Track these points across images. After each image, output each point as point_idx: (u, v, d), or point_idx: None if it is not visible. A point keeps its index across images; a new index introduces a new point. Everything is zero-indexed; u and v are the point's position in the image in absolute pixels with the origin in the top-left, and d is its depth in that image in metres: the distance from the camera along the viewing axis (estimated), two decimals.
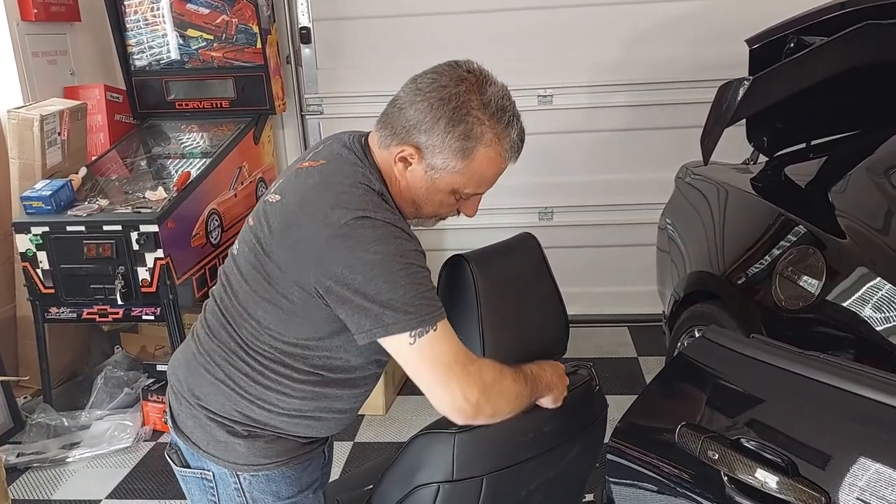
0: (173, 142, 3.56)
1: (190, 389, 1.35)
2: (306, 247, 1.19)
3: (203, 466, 1.35)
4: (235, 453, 1.32)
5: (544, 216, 3.91)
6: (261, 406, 1.30)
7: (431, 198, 1.29)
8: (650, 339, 3.64)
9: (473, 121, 1.21)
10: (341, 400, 1.36)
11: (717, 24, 3.47)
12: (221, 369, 1.31)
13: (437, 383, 1.18)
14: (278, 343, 1.28)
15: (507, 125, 1.24)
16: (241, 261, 1.31)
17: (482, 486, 1.31)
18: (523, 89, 3.70)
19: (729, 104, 2.10)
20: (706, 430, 1.09)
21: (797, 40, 2.24)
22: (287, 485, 1.35)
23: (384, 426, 3.06)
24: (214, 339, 1.33)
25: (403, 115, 1.23)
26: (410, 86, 1.25)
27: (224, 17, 3.47)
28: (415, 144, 1.23)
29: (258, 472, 1.33)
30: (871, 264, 1.63)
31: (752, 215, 2.21)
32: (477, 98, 1.21)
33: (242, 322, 1.29)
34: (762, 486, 1.00)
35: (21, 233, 2.89)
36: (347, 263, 1.16)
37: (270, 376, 1.29)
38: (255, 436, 1.32)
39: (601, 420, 1.50)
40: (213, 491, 1.36)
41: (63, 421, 3.02)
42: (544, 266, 1.45)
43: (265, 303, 1.26)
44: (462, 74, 1.23)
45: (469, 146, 1.21)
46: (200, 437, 1.33)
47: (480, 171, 1.26)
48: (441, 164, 1.24)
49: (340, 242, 1.16)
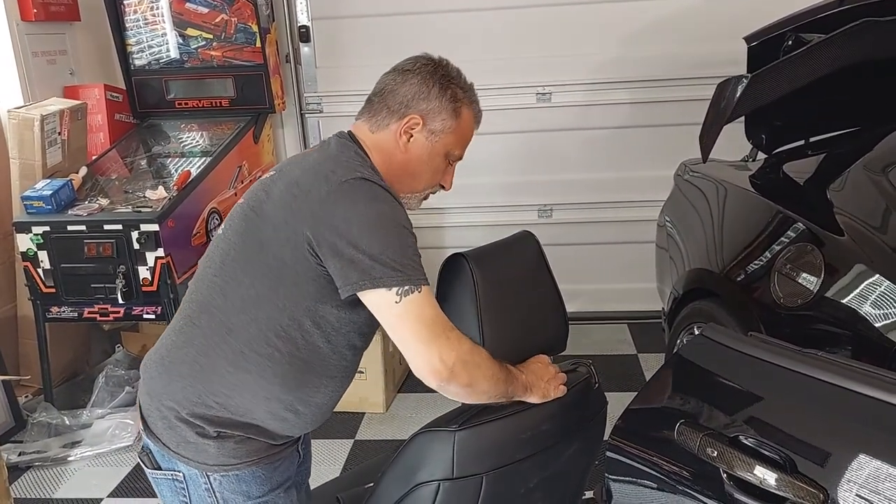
0: (173, 141, 3.57)
1: (162, 388, 1.36)
2: (305, 200, 1.26)
3: (173, 468, 1.36)
4: (205, 454, 1.33)
5: (543, 213, 3.92)
6: (240, 393, 1.32)
7: (431, 163, 1.42)
8: (650, 335, 3.64)
9: (454, 87, 1.41)
10: (319, 391, 1.37)
11: (715, 22, 3.47)
12: (201, 356, 1.33)
13: (417, 340, 1.23)
14: (261, 323, 1.30)
15: (473, 93, 1.46)
16: (230, 234, 1.36)
17: (482, 484, 1.31)
18: (522, 87, 3.72)
19: (727, 101, 2.10)
20: (705, 428, 1.10)
21: (795, 37, 2.24)
22: (257, 484, 1.37)
23: (384, 424, 3.07)
24: (195, 326, 1.35)
25: (397, 94, 1.39)
26: (392, 73, 1.43)
27: (223, 16, 3.48)
28: (419, 113, 1.39)
29: (228, 472, 1.34)
30: (869, 261, 1.64)
31: (750, 213, 2.22)
32: (450, 74, 1.43)
33: (227, 302, 1.32)
34: (761, 482, 1.00)
35: (22, 232, 2.90)
36: (345, 216, 1.24)
37: (251, 357, 1.30)
38: (224, 436, 1.33)
39: (600, 417, 1.50)
40: (184, 492, 1.37)
41: (64, 420, 3.03)
42: (543, 264, 1.46)
43: (255, 271, 1.30)
44: (430, 57, 1.44)
45: (457, 106, 1.41)
46: (170, 438, 1.34)
47: (464, 129, 1.44)
48: (440, 127, 1.40)
49: (340, 196, 1.25)
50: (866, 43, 2.12)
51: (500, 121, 3.77)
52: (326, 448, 2.91)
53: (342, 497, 1.71)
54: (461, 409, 1.43)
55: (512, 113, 3.76)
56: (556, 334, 1.46)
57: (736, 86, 2.07)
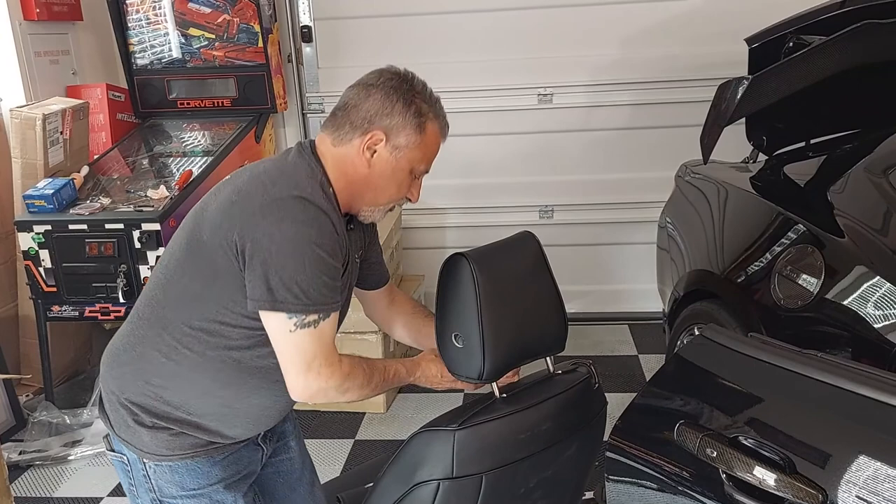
0: (175, 140, 3.57)
1: (109, 371, 1.43)
2: (240, 208, 1.29)
3: (121, 451, 1.42)
4: (140, 441, 1.38)
5: (545, 214, 3.92)
6: (175, 385, 1.36)
7: (395, 178, 1.40)
8: (650, 336, 3.65)
9: (419, 102, 1.38)
10: (258, 393, 1.40)
11: (716, 24, 3.47)
12: (138, 346, 1.38)
13: (292, 366, 1.31)
14: (194, 321, 1.33)
15: (439, 107, 1.43)
16: (180, 234, 1.40)
17: (482, 484, 1.31)
18: (523, 88, 3.72)
19: (728, 103, 2.11)
20: (704, 428, 1.10)
21: (796, 39, 2.24)
22: (192, 477, 1.40)
23: (385, 424, 3.07)
24: (140, 318, 1.40)
25: (360, 109, 1.37)
26: (355, 87, 1.41)
27: (226, 16, 3.48)
28: (381, 128, 1.36)
29: (161, 462, 1.38)
30: (870, 263, 1.64)
31: (751, 214, 2.22)
32: (414, 89, 1.40)
33: (166, 298, 1.37)
34: (760, 483, 1.01)
35: (23, 231, 2.90)
36: (268, 232, 1.26)
37: (184, 352, 1.34)
38: (158, 427, 1.37)
39: (600, 417, 1.51)
40: (129, 474, 1.43)
41: (65, 419, 3.04)
42: (543, 264, 1.46)
43: (192, 271, 1.34)
44: (395, 71, 1.42)
45: (422, 121, 1.38)
46: (115, 421, 1.41)
47: (429, 144, 1.41)
48: (404, 142, 1.38)
49: (269, 211, 1.27)
50: (867, 45, 2.12)
51: (502, 122, 3.78)
52: (327, 448, 2.91)
53: (342, 497, 1.72)
54: (461, 408, 1.43)
55: (513, 114, 3.76)
56: (555, 334, 1.46)
57: (737, 87, 2.07)
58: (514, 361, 1.44)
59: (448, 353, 1.43)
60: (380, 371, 1.43)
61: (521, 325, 1.41)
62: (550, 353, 1.49)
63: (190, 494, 1.40)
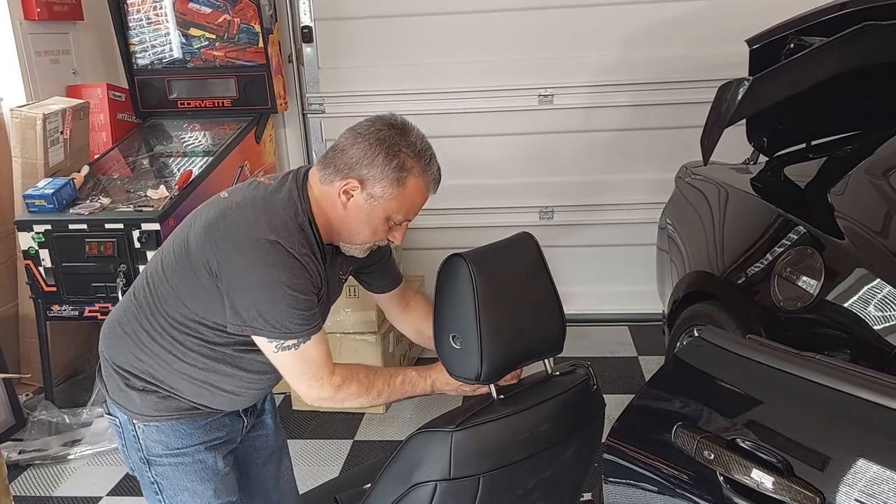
0: (175, 140, 3.57)
1: (105, 340, 1.56)
2: (222, 239, 1.40)
3: (114, 413, 1.55)
4: (132, 402, 1.50)
5: (545, 215, 3.92)
6: (158, 363, 1.48)
7: (369, 224, 1.46)
8: (650, 338, 3.64)
9: (404, 156, 1.42)
10: (231, 380, 1.51)
11: (717, 25, 3.47)
12: (130, 324, 1.50)
13: (288, 378, 1.48)
14: (182, 311, 1.45)
15: (428, 161, 1.45)
16: (176, 234, 1.51)
17: (479, 485, 1.31)
18: (524, 89, 3.72)
19: (729, 104, 2.10)
20: (702, 430, 1.09)
21: (797, 41, 2.24)
22: (177, 437, 1.52)
23: (384, 425, 3.07)
24: (134, 299, 1.53)
25: (345, 154, 1.43)
26: (348, 132, 1.46)
27: (226, 16, 3.48)
28: (358, 177, 1.42)
29: (149, 422, 1.51)
30: (870, 265, 1.63)
31: (751, 215, 2.22)
32: (405, 140, 1.43)
33: (161, 286, 1.47)
34: (758, 486, 1.00)
35: (23, 231, 2.91)
36: (244, 271, 1.38)
37: (167, 337, 1.47)
38: (148, 391, 1.49)
39: (598, 419, 1.50)
40: (121, 435, 1.56)
41: (65, 418, 3.04)
42: (542, 265, 1.46)
43: (182, 274, 1.45)
44: (391, 122, 1.45)
45: (402, 175, 1.42)
46: (109, 384, 1.54)
47: (411, 198, 1.45)
48: (380, 193, 1.43)
49: (246, 251, 1.38)
50: (868, 46, 2.12)
51: (502, 122, 3.78)
52: (326, 448, 2.91)
53: (340, 497, 1.71)
54: (459, 409, 1.43)
55: (514, 115, 3.76)
56: (553, 335, 1.46)
57: (737, 88, 2.07)
58: (512, 363, 1.44)
59: (446, 355, 1.43)
60: (384, 379, 1.51)
61: (520, 326, 1.40)
62: (549, 355, 1.48)
63: (174, 453, 1.52)
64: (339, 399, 1.48)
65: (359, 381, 1.48)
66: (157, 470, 1.53)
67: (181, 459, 1.52)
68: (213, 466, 1.55)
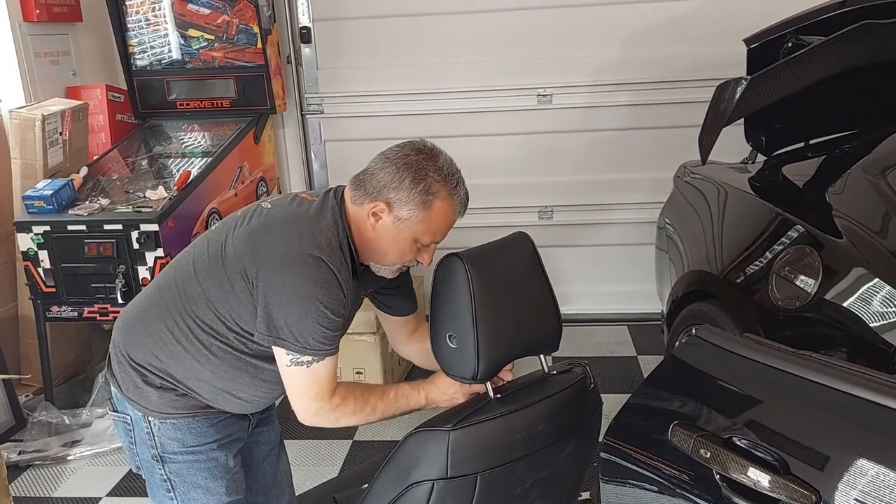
0: (174, 141, 3.57)
1: (122, 336, 1.55)
2: (264, 249, 1.43)
3: (125, 411, 1.54)
4: (148, 400, 1.50)
5: (544, 215, 3.92)
6: (179, 365, 1.49)
7: (396, 245, 1.49)
8: (649, 337, 3.64)
9: (431, 180, 1.45)
10: (248, 390, 1.54)
11: (715, 24, 3.47)
12: (153, 322, 1.51)
13: (291, 393, 1.48)
14: (212, 314, 1.46)
15: (455, 185, 1.48)
16: (214, 237, 1.52)
17: (476, 484, 1.31)
18: (523, 88, 3.72)
19: (727, 103, 2.10)
20: (699, 429, 1.09)
21: (795, 40, 2.24)
22: (192, 435, 1.53)
23: (383, 425, 3.01)
24: (159, 297, 1.53)
25: (375, 178, 1.47)
26: (379, 156, 1.50)
27: (225, 17, 3.49)
28: (385, 200, 1.46)
29: (166, 419, 1.51)
30: (867, 264, 1.63)
31: (749, 215, 2.22)
32: (433, 164, 1.46)
33: (191, 287, 1.48)
34: (754, 484, 1.00)
35: (22, 232, 2.91)
36: (283, 282, 1.40)
37: (193, 341, 1.48)
38: (166, 388, 1.50)
39: (595, 418, 1.51)
40: (131, 433, 1.55)
41: (64, 419, 3.04)
42: (538, 264, 1.46)
43: (214, 278, 1.47)
44: (419, 147, 1.49)
45: (429, 199, 1.44)
46: (123, 381, 1.53)
47: (437, 221, 1.47)
48: (406, 216, 1.46)
49: (289, 263, 1.40)
50: (866, 45, 2.12)
51: (501, 122, 3.78)
52: (325, 448, 2.91)
53: (339, 497, 1.72)
54: (456, 408, 1.43)
55: (513, 115, 3.76)
56: (549, 334, 1.46)
57: (735, 88, 2.07)
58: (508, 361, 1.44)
59: (442, 354, 1.43)
60: (377, 395, 1.53)
61: (516, 325, 1.41)
62: (545, 353, 1.49)
63: (189, 451, 1.53)
64: (335, 418, 1.49)
65: (354, 398, 1.50)
66: (171, 467, 1.53)
67: (196, 457, 1.53)
68: (224, 464, 1.57)
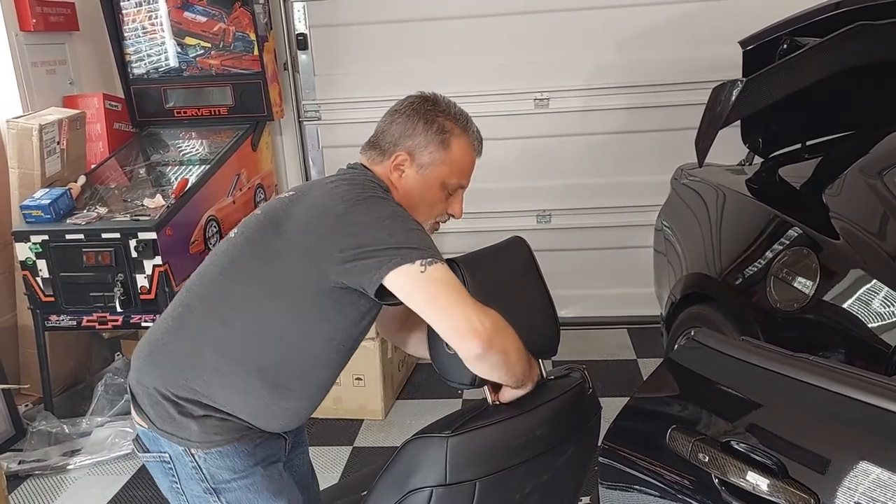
0: (172, 149, 3.58)
1: (151, 367, 1.43)
2: (323, 219, 1.34)
3: (160, 449, 1.42)
4: (188, 431, 1.39)
5: (542, 219, 3.92)
6: (221, 381, 1.38)
7: (425, 195, 1.47)
8: (649, 340, 3.63)
9: (442, 120, 1.46)
10: (296, 397, 1.44)
11: (710, 27, 3.48)
12: (192, 339, 1.40)
13: (453, 305, 1.26)
14: (256, 323, 1.38)
15: (466, 122, 1.50)
16: (242, 241, 1.43)
17: (475, 490, 1.31)
18: (520, 93, 3.72)
19: (723, 106, 2.10)
20: (697, 433, 1.09)
21: (791, 41, 2.24)
22: (241, 458, 1.42)
23: (383, 430, 3.06)
24: (191, 313, 1.43)
25: (386, 134, 1.47)
26: (384, 116, 1.50)
27: (221, 24, 3.49)
28: (405, 149, 1.45)
29: (211, 448, 1.40)
30: (865, 265, 1.63)
31: (747, 217, 2.22)
32: (438, 108, 1.48)
33: (226, 298, 1.40)
34: (753, 488, 1.00)
35: (21, 241, 2.90)
36: (362, 221, 1.31)
37: (238, 349, 1.38)
38: (206, 416, 1.39)
39: (594, 422, 1.50)
40: (172, 472, 1.43)
41: (64, 428, 3.03)
42: (534, 268, 1.46)
43: (261, 277, 1.38)
44: (421, 96, 1.51)
45: (446, 137, 1.45)
46: (156, 415, 1.40)
47: (458, 159, 1.48)
48: (428, 160, 1.45)
49: (356, 208, 1.33)
50: (862, 47, 2.12)
51: (499, 127, 3.77)
52: (325, 455, 2.90)
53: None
54: (455, 414, 1.43)
55: (510, 119, 3.77)
56: (547, 338, 1.46)
57: (731, 90, 2.07)
58: None
59: (440, 360, 1.43)
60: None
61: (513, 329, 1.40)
62: (543, 357, 1.48)
63: (242, 476, 1.43)
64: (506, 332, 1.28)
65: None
66: (229, 496, 1.43)
67: (251, 479, 1.44)
68: (279, 479, 1.48)
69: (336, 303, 1.36)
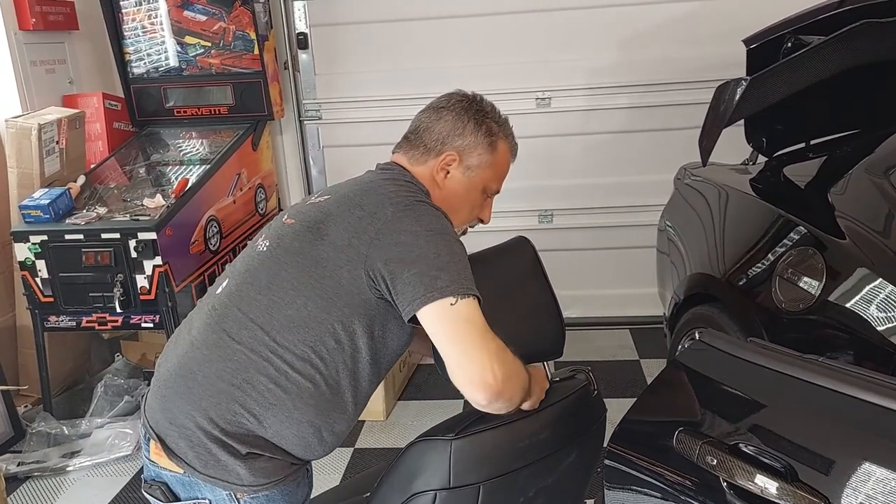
0: (172, 149, 3.56)
1: (191, 404, 1.30)
2: (371, 222, 1.28)
3: (196, 495, 1.31)
4: (235, 475, 1.28)
5: (544, 219, 3.91)
6: (275, 414, 1.28)
7: (468, 199, 1.45)
8: (652, 341, 3.62)
9: (489, 122, 1.44)
10: (343, 418, 1.36)
11: (714, 25, 3.46)
12: (242, 371, 1.29)
13: (474, 348, 1.21)
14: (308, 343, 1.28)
15: (508, 127, 1.49)
16: (279, 253, 1.34)
17: (479, 494, 1.29)
18: (521, 92, 3.71)
19: (727, 105, 2.09)
20: (704, 435, 1.08)
21: (795, 40, 2.23)
22: (286, 500, 1.34)
23: (385, 432, 3.05)
24: (235, 342, 1.30)
25: (432, 132, 1.43)
26: (426, 111, 1.46)
27: (221, 23, 3.48)
28: (454, 149, 1.42)
29: (258, 492, 1.30)
30: (871, 265, 1.62)
31: (751, 216, 2.20)
32: (484, 109, 1.45)
33: (272, 320, 1.29)
34: (762, 491, 0.98)
35: (20, 242, 2.89)
36: (412, 230, 1.26)
37: (293, 377, 1.28)
38: (254, 456, 1.30)
39: (599, 425, 1.49)
40: None
41: (63, 429, 3.02)
42: (538, 268, 1.45)
43: (308, 291, 1.29)
44: (465, 94, 1.47)
45: (493, 140, 1.43)
46: (198, 459, 1.28)
47: (501, 164, 1.46)
48: (476, 162, 1.43)
49: (405, 214, 1.29)
50: (866, 45, 2.10)
51: None
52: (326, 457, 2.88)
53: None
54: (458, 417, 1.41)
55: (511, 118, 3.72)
56: (553, 339, 1.45)
57: (735, 88, 2.05)
58: None
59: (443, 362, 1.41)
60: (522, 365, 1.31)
61: (518, 331, 1.39)
62: (548, 359, 1.47)
63: None
64: (514, 379, 1.24)
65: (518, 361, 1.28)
66: None
67: None
68: None
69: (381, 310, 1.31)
